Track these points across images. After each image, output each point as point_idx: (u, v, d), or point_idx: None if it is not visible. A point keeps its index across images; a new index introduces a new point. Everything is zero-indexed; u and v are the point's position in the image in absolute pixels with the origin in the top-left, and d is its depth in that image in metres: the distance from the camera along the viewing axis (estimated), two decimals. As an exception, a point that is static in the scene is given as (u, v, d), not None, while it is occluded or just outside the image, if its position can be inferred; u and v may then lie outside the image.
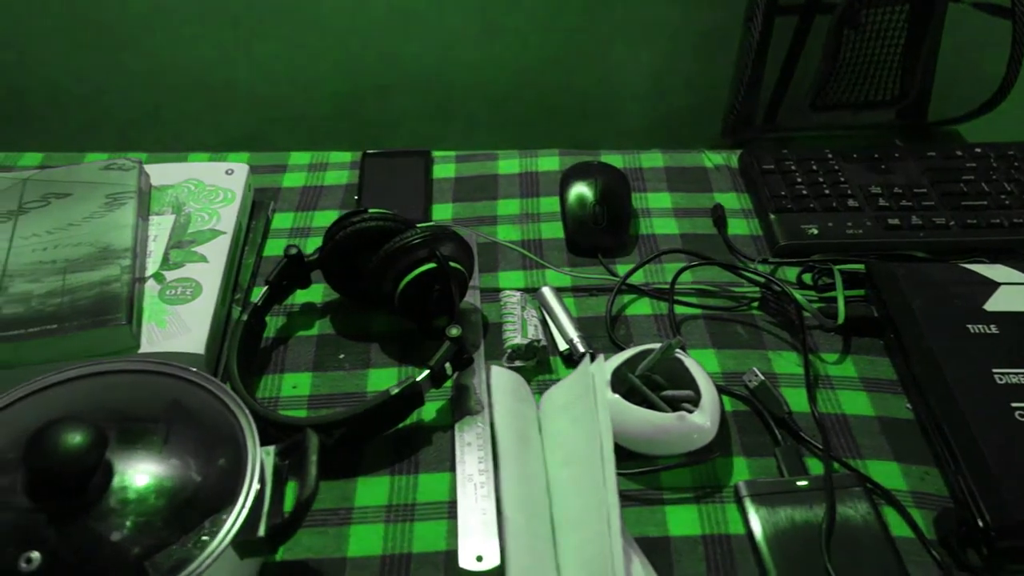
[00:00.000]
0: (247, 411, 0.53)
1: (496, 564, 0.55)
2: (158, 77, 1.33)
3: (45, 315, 0.62)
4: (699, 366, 0.63)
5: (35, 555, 0.45)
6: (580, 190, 0.79)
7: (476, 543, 0.56)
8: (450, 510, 0.58)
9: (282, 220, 0.81)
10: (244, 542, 0.48)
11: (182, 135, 1.41)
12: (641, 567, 0.48)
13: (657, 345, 0.63)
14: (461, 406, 0.64)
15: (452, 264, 0.66)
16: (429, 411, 0.64)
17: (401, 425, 0.63)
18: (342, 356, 0.68)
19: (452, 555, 0.55)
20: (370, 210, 0.69)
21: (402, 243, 0.66)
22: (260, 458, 0.50)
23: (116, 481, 0.48)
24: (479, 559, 0.55)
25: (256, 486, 0.49)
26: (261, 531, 0.49)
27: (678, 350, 0.62)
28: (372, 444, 0.62)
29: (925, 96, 1.27)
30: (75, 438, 0.47)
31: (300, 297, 0.73)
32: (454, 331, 0.63)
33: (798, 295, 0.69)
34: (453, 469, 0.60)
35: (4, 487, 0.48)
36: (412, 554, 0.56)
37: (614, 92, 1.58)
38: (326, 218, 0.81)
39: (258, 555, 0.49)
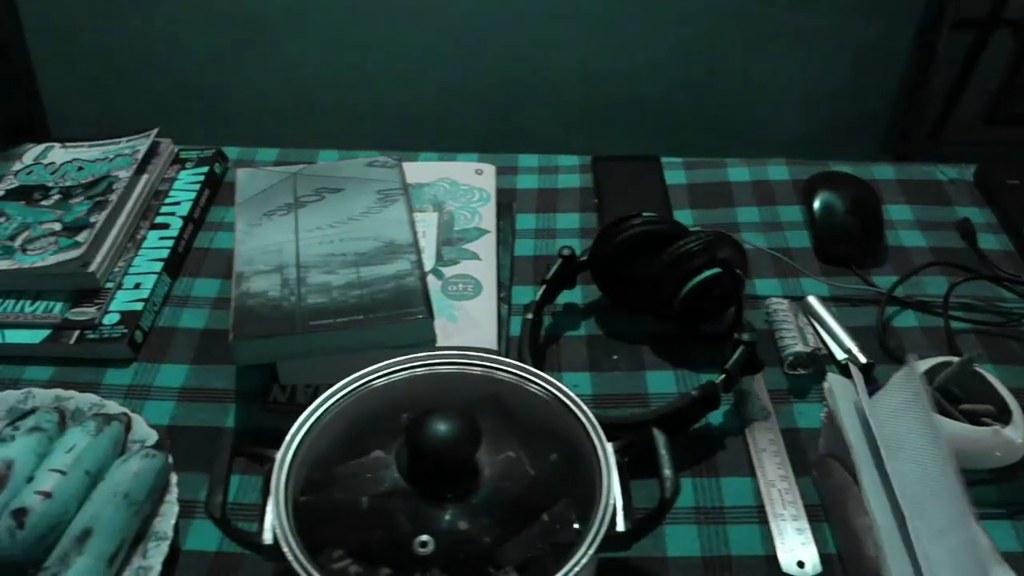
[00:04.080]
0: (584, 407, 0.53)
1: (818, 571, 0.55)
2: (298, 75, 1.37)
3: (349, 306, 0.63)
4: (999, 381, 0.62)
5: (428, 539, 0.46)
6: (828, 199, 0.79)
7: (794, 549, 0.56)
8: (759, 515, 0.58)
9: (525, 221, 0.82)
10: (605, 537, 0.48)
11: (319, 132, 1.44)
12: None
13: (952, 358, 0.62)
14: (747, 411, 0.65)
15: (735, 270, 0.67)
16: (715, 415, 0.64)
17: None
18: (615, 357, 0.69)
19: (771, 560, 0.55)
20: (643, 214, 0.70)
21: (687, 247, 0.66)
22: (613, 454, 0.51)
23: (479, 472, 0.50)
24: (800, 565, 0.55)
25: (617, 481, 0.50)
26: (621, 526, 0.49)
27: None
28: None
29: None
30: (457, 427, 0.48)
31: (561, 297, 0.73)
32: (747, 336, 0.63)
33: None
34: (752, 474, 0.61)
35: (374, 468, 0.50)
36: (731, 556, 0.56)
37: (761, 101, 1.57)
38: (568, 220, 0.82)
39: (615, 550, 0.50)
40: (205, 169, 0.85)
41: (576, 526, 0.50)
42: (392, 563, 0.47)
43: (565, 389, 0.54)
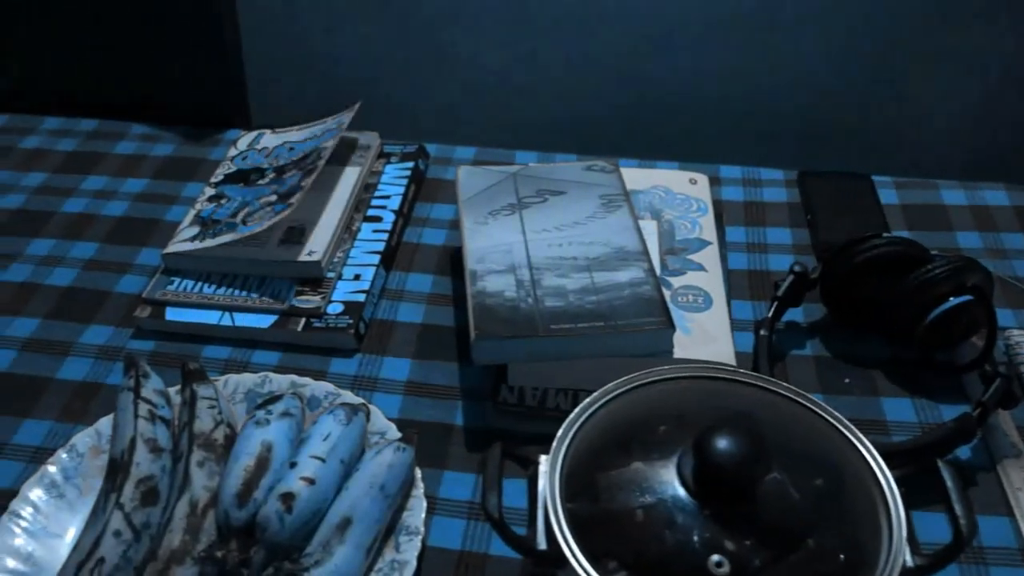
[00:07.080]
0: (860, 434, 0.51)
1: (1096, 624, 0.52)
2: (451, 75, 1.38)
3: (586, 312, 0.63)
4: None
5: (723, 559, 0.45)
6: (1064, 229, 0.75)
7: (1069, 598, 0.53)
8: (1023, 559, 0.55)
9: (733, 234, 0.80)
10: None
11: (457, 131, 1.45)
12: None
13: None
14: (996, 447, 0.62)
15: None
16: (962, 449, 0.61)
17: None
18: (848, 380, 0.67)
19: (1044, 608, 0.53)
20: (884, 234, 0.67)
21: (936, 272, 0.63)
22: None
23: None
24: (1076, 616, 0.52)
25: (902, 513, 0.48)
26: (909, 561, 0.47)
27: None
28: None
29: None
30: (751, 445, 0.46)
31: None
32: (1004, 368, 0.60)
33: None
34: (1009, 513, 0.58)
35: (638, 480, 0.49)
36: (1000, 601, 0.53)
37: (917, 124, 1.52)
38: (779, 235, 0.80)
39: (899, 585, 0.48)
40: (410, 165, 0.86)
41: (842, 556, 0.48)
42: (671, 578, 0.46)
43: (837, 414, 0.52)
